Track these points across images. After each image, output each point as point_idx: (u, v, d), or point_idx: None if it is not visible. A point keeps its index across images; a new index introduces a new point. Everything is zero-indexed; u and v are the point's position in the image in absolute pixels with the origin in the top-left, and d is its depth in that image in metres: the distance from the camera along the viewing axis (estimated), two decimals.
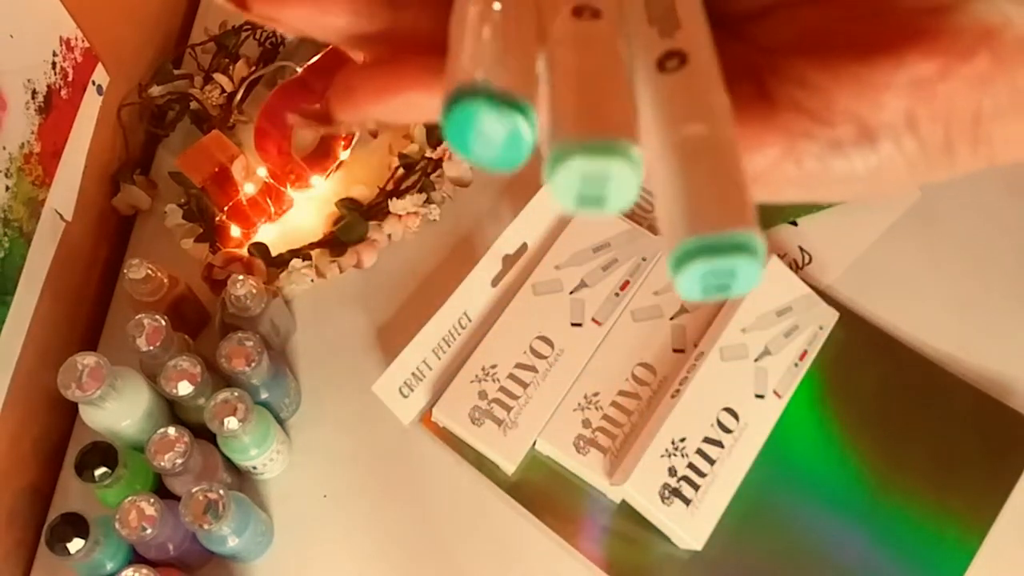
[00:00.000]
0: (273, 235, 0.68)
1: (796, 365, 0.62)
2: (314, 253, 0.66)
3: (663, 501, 0.57)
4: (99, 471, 0.52)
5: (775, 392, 0.61)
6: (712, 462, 0.58)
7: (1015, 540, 0.58)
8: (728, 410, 0.59)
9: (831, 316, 0.64)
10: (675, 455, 0.57)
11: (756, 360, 0.61)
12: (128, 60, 0.70)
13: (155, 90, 0.71)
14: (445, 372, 0.63)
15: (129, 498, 0.52)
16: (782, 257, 0.67)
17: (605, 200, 0.15)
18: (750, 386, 0.60)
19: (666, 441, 0.57)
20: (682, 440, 0.58)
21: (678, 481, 0.57)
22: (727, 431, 0.59)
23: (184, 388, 0.54)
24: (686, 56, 0.17)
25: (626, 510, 0.59)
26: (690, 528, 0.57)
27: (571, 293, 0.64)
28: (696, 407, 0.59)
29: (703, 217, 0.15)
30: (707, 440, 0.58)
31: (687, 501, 0.57)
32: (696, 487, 0.57)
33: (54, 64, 0.59)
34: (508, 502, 0.60)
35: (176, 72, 0.72)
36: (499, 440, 0.60)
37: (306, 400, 0.64)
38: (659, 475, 0.57)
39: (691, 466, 0.58)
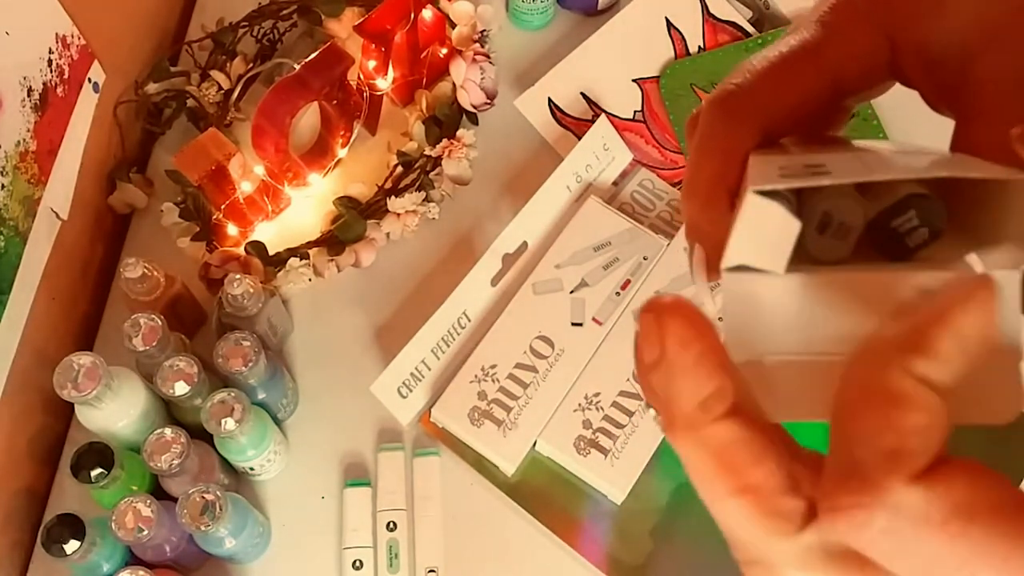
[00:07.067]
0: (270, 234, 0.67)
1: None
2: (312, 252, 0.66)
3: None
4: (95, 472, 0.52)
5: None
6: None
7: None
8: None
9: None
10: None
11: None
12: (124, 57, 0.70)
13: (151, 88, 0.70)
14: (444, 372, 0.63)
15: (125, 499, 0.51)
16: None
17: None
18: None
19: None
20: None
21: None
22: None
23: (181, 388, 0.54)
24: None
25: (626, 511, 0.58)
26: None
27: (571, 292, 0.64)
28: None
29: None
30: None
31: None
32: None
33: (50, 61, 0.58)
34: (508, 503, 0.60)
35: (173, 69, 0.71)
36: (499, 441, 0.60)
37: (304, 400, 0.64)
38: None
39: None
